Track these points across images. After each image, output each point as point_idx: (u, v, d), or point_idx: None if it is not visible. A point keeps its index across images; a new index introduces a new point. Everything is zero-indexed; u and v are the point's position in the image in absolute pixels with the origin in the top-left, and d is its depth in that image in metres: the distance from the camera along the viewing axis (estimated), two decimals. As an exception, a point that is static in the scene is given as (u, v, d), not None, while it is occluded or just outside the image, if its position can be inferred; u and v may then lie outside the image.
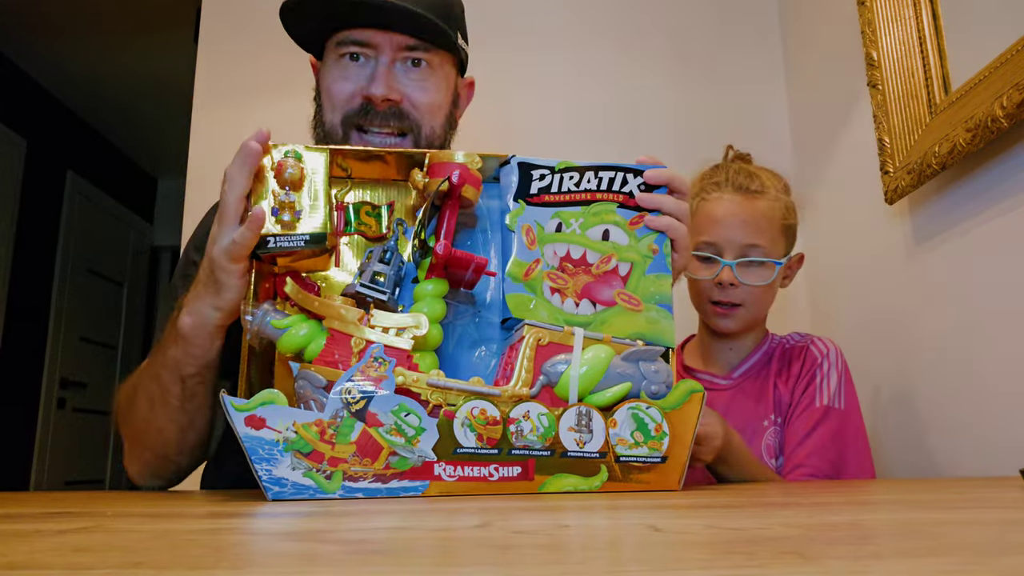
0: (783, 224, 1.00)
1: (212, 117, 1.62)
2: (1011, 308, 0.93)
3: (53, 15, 2.91)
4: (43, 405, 3.29)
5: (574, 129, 1.61)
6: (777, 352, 1.03)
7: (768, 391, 1.00)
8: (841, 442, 0.94)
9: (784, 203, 1.01)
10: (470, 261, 0.65)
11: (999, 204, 0.95)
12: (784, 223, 1.01)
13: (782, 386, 1.00)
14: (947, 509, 0.49)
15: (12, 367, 3.10)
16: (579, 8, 1.66)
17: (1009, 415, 0.93)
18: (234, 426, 0.57)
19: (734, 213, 0.98)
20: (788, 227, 1.02)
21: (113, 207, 3.96)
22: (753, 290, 0.98)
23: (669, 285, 0.69)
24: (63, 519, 0.46)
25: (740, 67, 1.64)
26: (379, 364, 0.60)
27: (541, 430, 0.60)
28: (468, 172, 0.67)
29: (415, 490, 0.58)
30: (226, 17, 1.67)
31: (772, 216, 0.99)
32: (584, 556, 0.31)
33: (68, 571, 0.28)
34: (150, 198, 4.44)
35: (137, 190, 4.30)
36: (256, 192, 0.64)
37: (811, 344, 1.01)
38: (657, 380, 0.64)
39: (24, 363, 3.20)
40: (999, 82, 0.90)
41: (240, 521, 0.46)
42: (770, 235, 0.98)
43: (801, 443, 0.94)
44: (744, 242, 0.97)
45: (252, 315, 0.63)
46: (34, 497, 0.81)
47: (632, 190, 0.70)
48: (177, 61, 3.01)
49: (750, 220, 0.98)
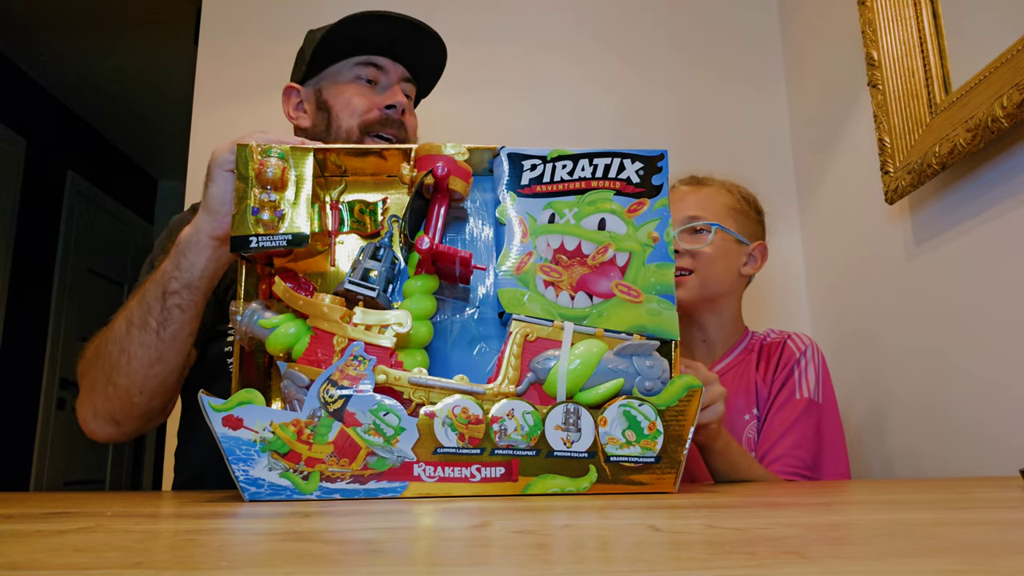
0: (728, 207, 1.08)
1: (212, 117, 1.62)
2: (1011, 308, 0.93)
3: (53, 15, 2.91)
4: (43, 405, 3.29)
5: (574, 130, 1.61)
6: (756, 348, 1.07)
7: (749, 386, 1.02)
8: (820, 436, 0.96)
9: (730, 191, 1.10)
10: (455, 256, 0.63)
11: (999, 204, 0.95)
12: (730, 206, 1.08)
13: (760, 381, 1.02)
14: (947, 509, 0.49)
15: (12, 367, 3.10)
16: (580, 9, 1.67)
17: (1009, 415, 0.93)
18: (212, 426, 0.57)
19: (682, 196, 1.09)
20: (737, 211, 1.09)
21: (113, 207, 3.96)
22: (701, 257, 1.04)
23: (671, 275, 0.66)
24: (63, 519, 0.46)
25: (740, 67, 1.64)
26: (359, 362, 0.59)
27: (526, 429, 0.59)
28: (455, 164, 0.66)
29: (394, 491, 0.58)
30: (226, 17, 1.67)
31: (715, 197, 1.09)
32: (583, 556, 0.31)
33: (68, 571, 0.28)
34: (150, 198, 4.44)
35: (137, 190, 4.30)
36: (238, 191, 0.64)
37: (789, 340, 1.05)
38: (651, 376, 0.62)
39: (24, 363, 3.20)
40: (999, 82, 0.90)
41: (240, 521, 0.46)
42: (713, 211, 1.07)
43: (783, 435, 0.95)
44: (687, 214, 1.06)
45: (241, 315, 0.63)
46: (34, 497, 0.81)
47: (630, 176, 0.68)
48: (177, 61, 3.01)
49: (692, 198, 1.08)
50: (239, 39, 1.65)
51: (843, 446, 0.99)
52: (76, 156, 3.67)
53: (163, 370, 0.78)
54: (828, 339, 1.42)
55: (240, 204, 0.64)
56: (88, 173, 3.72)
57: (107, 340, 0.79)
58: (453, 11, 1.62)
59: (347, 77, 1.01)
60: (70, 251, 3.53)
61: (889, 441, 1.21)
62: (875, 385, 1.25)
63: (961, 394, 1.03)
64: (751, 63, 1.65)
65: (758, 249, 1.09)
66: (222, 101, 1.62)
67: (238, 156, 0.65)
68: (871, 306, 1.28)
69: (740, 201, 1.10)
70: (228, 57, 1.64)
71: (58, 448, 3.36)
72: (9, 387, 3.10)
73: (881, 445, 1.22)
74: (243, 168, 0.64)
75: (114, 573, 0.27)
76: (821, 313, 1.48)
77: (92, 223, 3.74)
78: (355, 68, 1.01)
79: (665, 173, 0.69)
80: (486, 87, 1.61)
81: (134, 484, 4.05)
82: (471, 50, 1.56)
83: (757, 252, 1.09)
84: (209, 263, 0.74)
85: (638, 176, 0.68)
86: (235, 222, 0.63)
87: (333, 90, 1.01)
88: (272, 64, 1.60)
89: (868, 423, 1.27)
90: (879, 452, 1.23)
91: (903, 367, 1.18)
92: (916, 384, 1.14)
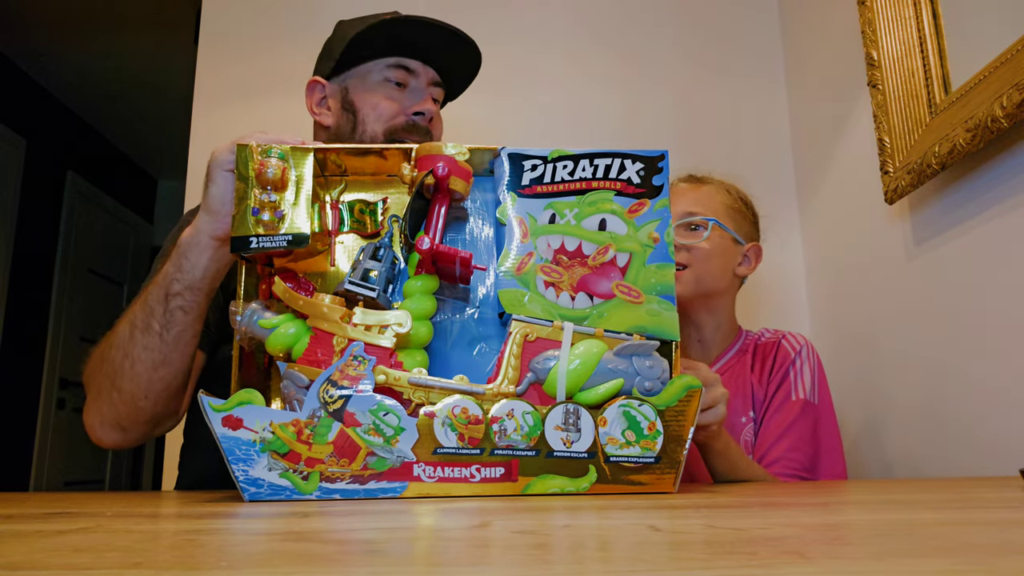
0: (726, 206, 1.08)
1: (212, 117, 1.62)
2: (1011, 308, 0.93)
3: (53, 15, 2.91)
4: (43, 405, 3.29)
5: (574, 130, 1.61)
6: (751, 348, 1.07)
7: (745, 388, 1.02)
8: (816, 437, 0.96)
9: (728, 191, 1.10)
10: (455, 256, 0.63)
11: (999, 204, 0.95)
12: (728, 205, 1.08)
13: (756, 383, 1.02)
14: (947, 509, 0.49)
15: (12, 367, 3.10)
16: (580, 9, 1.67)
17: (1009, 415, 0.93)
18: (212, 427, 0.57)
19: (681, 193, 1.10)
20: (734, 210, 1.09)
21: (113, 207, 3.96)
22: (697, 252, 1.04)
23: (671, 275, 0.66)
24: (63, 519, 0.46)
25: (740, 67, 1.64)
26: (359, 363, 0.59)
27: (525, 429, 0.59)
28: (455, 164, 0.65)
29: (393, 491, 0.58)
30: (226, 17, 1.67)
31: (713, 195, 1.09)
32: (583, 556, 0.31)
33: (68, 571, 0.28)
34: (150, 198, 4.44)
35: (137, 190, 4.30)
36: (238, 192, 0.64)
37: (784, 340, 1.05)
38: (651, 376, 0.61)
39: (24, 363, 3.20)
40: (999, 82, 0.90)
41: (240, 521, 0.46)
42: (711, 208, 1.07)
43: (779, 438, 0.95)
44: (684, 210, 1.07)
45: (241, 315, 0.63)
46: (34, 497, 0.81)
47: (631, 176, 0.68)
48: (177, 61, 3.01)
49: (691, 195, 1.09)
50: (239, 39, 1.65)
51: (839, 446, 0.99)
52: (76, 156, 3.67)
53: (168, 373, 0.77)
54: (827, 339, 1.42)
55: (240, 204, 0.64)
56: (88, 173, 3.72)
57: (111, 345, 0.79)
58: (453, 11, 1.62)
59: (376, 79, 0.99)
60: (70, 251, 3.53)
61: (888, 440, 1.21)
62: (874, 384, 1.25)
63: (961, 393, 1.03)
64: (751, 63, 1.65)
65: (753, 250, 1.10)
66: (222, 101, 1.62)
67: (238, 156, 0.65)
68: (871, 306, 1.28)
69: (738, 201, 1.10)
70: (228, 57, 1.64)
71: (58, 448, 3.36)
72: (9, 387, 3.10)
73: (880, 444, 1.22)
74: (243, 168, 0.64)
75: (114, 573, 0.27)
76: (820, 313, 1.48)
77: (92, 223, 3.74)
78: (385, 70, 0.98)
79: (666, 174, 0.69)
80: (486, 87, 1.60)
81: (134, 484, 4.05)
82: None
83: (752, 253, 1.10)
84: (211, 264, 0.74)
85: (639, 176, 0.68)
86: (235, 223, 0.63)
87: (361, 91, 0.99)
88: (272, 64, 1.61)
89: (867, 422, 1.27)
90: (878, 451, 1.23)
91: (903, 367, 1.18)
92: (915, 384, 1.14)
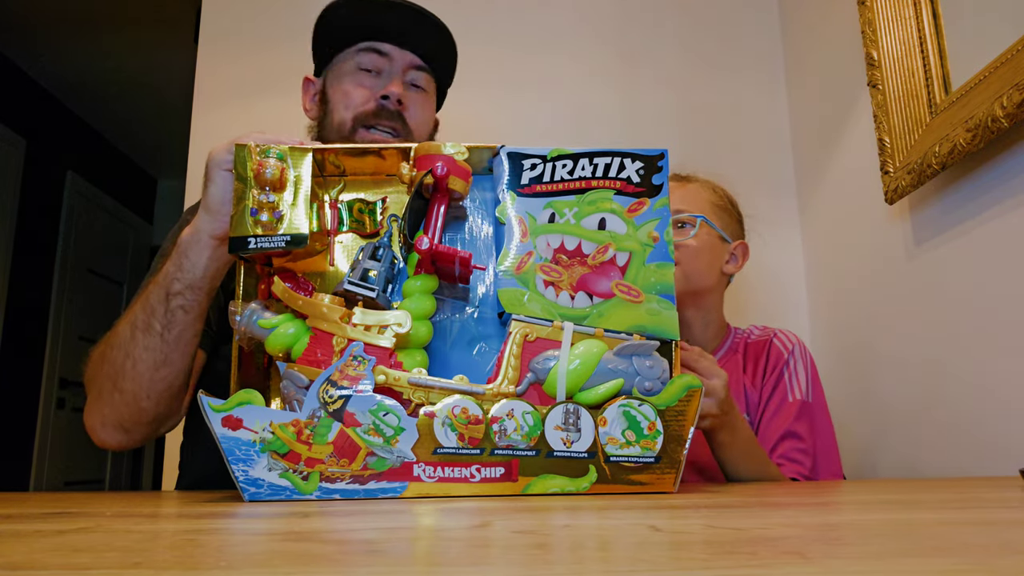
0: (712, 204, 1.08)
1: (212, 117, 1.62)
2: (1011, 307, 0.93)
3: (52, 15, 2.91)
4: (43, 405, 3.29)
5: (574, 129, 1.61)
6: (741, 347, 1.06)
7: (738, 389, 1.01)
8: (814, 437, 0.96)
9: (714, 189, 1.10)
10: (454, 255, 0.63)
11: (999, 204, 0.95)
12: (713, 203, 1.08)
13: (749, 385, 1.02)
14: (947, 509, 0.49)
15: (12, 367, 3.10)
16: (581, 8, 1.67)
17: (1009, 415, 0.93)
18: (211, 427, 0.57)
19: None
20: (720, 208, 1.09)
21: (113, 207, 3.96)
22: (684, 250, 1.04)
23: (671, 274, 0.66)
24: (62, 519, 0.46)
25: (740, 67, 1.64)
26: (358, 363, 0.59)
27: (525, 429, 0.59)
28: (454, 163, 0.65)
29: (393, 491, 0.58)
30: (226, 17, 1.66)
31: (699, 193, 1.09)
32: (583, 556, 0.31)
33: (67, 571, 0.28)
34: (150, 198, 4.44)
35: (137, 190, 4.30)
36: (237, 192, 0.64)
37: (775, 338, 1.04)
38: (651, 376, 0.61)
39: (24, 363, 3.19)
40: (999, 82, 0.90)
41: (240, 521, 0.46)
42: (697, 206, 1.07)
43: (780, 440, 0.95)
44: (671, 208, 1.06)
45: (240, 315, 0.63)
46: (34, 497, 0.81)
47: (630, 175, 0.68)
48: (177, 61, 3.01)
49: (677, 194, 1.08)
50: (239, 39, 1.65)
51: (835, 444, 0.99)
52: (76, 156, 3.67)
53: (169, 373, 0.77)
54: (827, 339, 1.42)
55: (238, 205, 0.63)
56: (88, 173, 3.72)
57: (112, 346, 0.78)
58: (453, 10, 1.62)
59: (349, 68, 0.97)
60: (70, 251, 3.53)
61: (888, 439, 1.21)
62: (874, 384, 1.25)
63: (961, 393, 1.03)
64: (751, 63, 1.65)
65: (739, 248, 1.09)
66: (222, 101, 1.62)
67: (236, 157, 0.65)
68: (871, 306, 1.28)
69: (723, 199, 1.10)
70: (228, 57, 1.64)
71: (58, 448, 3.36)
72: (9, 387, 3.10)
73: (880, 444, 1.22)
74: (241, 169, 0.64)
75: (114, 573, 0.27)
76: (820, 313, 1.48)
77: (92, 223, 3.74)
78: (356, 56, 0.96)
79: (665, 172, 0.68)
80: (486, 86, 1.60)
81: (134, 484, 4.05)
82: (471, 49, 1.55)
83: (739, 251, 1.09)
84: (211, 263, 0.74)
85: (638, 175, 0.68)
86: (233, 223, 0.63)
87: (335, 81, 0.97)
88: (271, 64, 1.61)
89: (867, 422, 1.27)
90: (878, 451, 1.23)
91: (903, 366, 1.18)
92: (915, 383, 1.14)
